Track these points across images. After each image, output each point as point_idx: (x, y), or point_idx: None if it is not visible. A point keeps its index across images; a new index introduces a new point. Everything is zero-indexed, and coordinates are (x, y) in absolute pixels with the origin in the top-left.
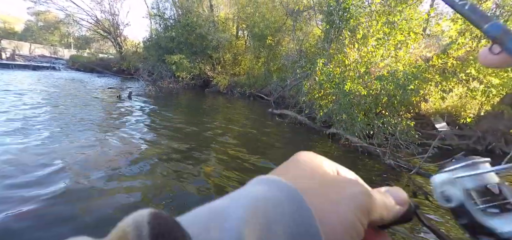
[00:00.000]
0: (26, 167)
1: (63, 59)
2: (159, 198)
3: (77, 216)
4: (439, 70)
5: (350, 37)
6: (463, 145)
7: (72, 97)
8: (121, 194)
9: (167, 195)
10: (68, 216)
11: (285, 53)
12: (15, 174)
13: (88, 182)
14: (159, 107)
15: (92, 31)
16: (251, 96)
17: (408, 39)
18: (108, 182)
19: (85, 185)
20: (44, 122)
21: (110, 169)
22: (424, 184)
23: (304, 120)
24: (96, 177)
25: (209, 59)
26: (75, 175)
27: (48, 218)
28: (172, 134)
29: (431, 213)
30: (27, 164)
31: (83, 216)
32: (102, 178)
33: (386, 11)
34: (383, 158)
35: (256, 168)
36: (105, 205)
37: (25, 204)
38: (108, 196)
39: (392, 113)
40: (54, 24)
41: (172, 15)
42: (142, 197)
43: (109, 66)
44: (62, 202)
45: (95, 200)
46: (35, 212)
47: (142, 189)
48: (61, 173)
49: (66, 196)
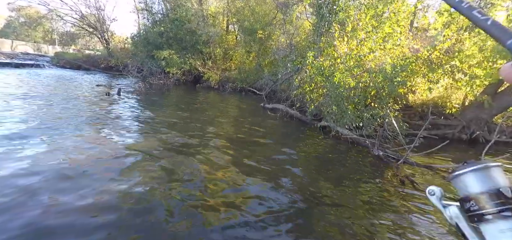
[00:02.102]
0: (6, 171)
1: (48, 56)
2: (150, 197)
3: (61, 219)
4: (426, 62)
5: (339, 30)
6: (448, 134)
7: (57, 95)
8: (109, 195)
9: (158, 195)
10: (55, 220)
11: (276, 47)
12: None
13: (73, 183)
14: (149, 103)
15: (77, 26)
16: (243, 91)
17: (396, 31)
18: (95, 182)
19: (70, 187)
20: (26, 122)
21: (98, 169)
22: (411, 172)
23: (296, 114)
24: (83, 177)
25: (200, 54)
26: (59, 177)
27: (35, 225)
28: (163, 131)
29: (417, 200)
30: (8, 167)
31: (65, 219)
32: (89, 178)
33: (375, 3)
34: (372, 149)
35: (248, 163)
36: (91, 209)
37: (13, 210)
38: (93, 198)
39: (381, 105)
40: (37, 19)
41: (160, 9)
42: (132, 197)
43: (96, 62)
44: (48, 206)
45: (80, 202)
46: (16, 218)
47: (131, 188)
48: (45, 174)
49: (52, 200)
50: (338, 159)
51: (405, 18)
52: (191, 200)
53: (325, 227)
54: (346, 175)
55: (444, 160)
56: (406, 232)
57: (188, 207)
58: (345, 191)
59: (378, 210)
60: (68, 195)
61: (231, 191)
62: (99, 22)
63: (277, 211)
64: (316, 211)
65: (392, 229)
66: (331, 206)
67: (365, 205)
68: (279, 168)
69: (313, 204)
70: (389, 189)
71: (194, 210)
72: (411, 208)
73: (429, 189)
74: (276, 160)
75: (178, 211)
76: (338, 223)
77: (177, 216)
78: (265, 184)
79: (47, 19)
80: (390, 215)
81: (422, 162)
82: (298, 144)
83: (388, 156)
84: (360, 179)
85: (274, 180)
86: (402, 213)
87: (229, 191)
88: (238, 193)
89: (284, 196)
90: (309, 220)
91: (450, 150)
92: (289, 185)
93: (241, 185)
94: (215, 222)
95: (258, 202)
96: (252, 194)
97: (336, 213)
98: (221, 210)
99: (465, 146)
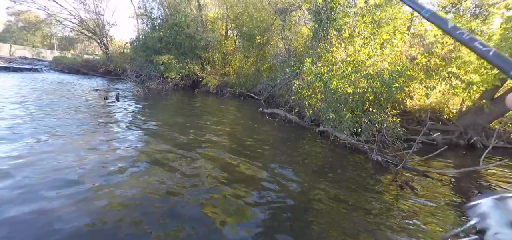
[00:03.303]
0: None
1: (46, 60)
2: (147, 203)
3: (59, 223)
4: (423, 68)
5: (336, 37)
6: (446, 140)
7: (55, 99)
8: (104, 200)
9: (155, 200)
10: (51, 223)
11: (274, 53)
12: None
13: (70, 188)
14: (147, 108)
15: (76, 31)
16: (241, 95)
17: (393, 38)
18: (92, 187)
19: (66, 192)
20: (24, 126)
21: (94, 174)
22: (410, 178)
23: (294, 119)
24: (79, 182)
25: (198, 59)
26: (56, 182)
27: (32, 228)
28: (161, 135)
29: (416, 206)
30: (6, 172)
31: (65, 224)
32: (86, 184)
33: (372, 10)
34: (371, 154)
35: (246, 167)
36: (86, 213)
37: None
38: (90, 203)
39: (379, 110)
40: (36, 24)
41: (160, 15)
42: (129, 201)
43: (95, 67)
44: (45, 209)
45: (78, 206)
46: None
47: (128, 193)
48: (42, 179)
49: (48, 204)
50: (337, 164)
51: (402, 24)
52: (188, 204)
53: (322, 232)
54: (344, 180)
55: (443, 165)
56: (404, 238)
57: (184, 211)
58: (344, 196)
59: (377, 214)
60: (61, 199)
61: (227, 195)
62: (98, 27)
63: (275, 216)
64: (313, 216)
65: (390, 234)
66: (329, 211)
67: (364, 210)
68: (277, 173)
69: (310, 209)
70: (388, 194)
71: (190, 213)
72: (409, 213)
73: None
74: (275, 164)
75: (174, 216)
76: (336, 228)
77: (173, 221)
78: (263, 188)
79: (46, 24)
80: (389, 220)
81: (421, 168)
82: (296, 149)
83: (387, 161)
84: (359, 184)
85: (272, 184)
86: (400, 218)
87: (226, 195)
88: (235, 197)
89: (282, 200)
90: (306, 225)
91: (449, 155)
92: (286, 190)
93: (238, 189)
94: (211, 226)
95: (255, 207)
96: (249, 198)
97: (334, 218)
98: (218, 214)
99: (463, 151)
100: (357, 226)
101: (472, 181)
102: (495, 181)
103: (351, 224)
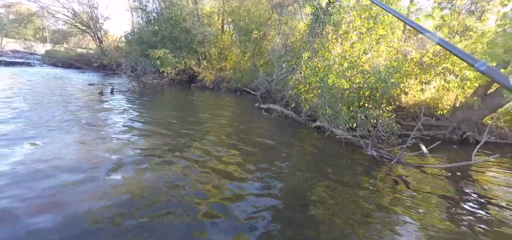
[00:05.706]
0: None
1: (38, 54)
2: (142, 201)
3: (54, 222)
4: (418, 64)
5: (333, 32)
6: (440, 135)
7: (48, 94)
8: (99, 198)
9: (150, 197)
10: (45, 222)
11: (271, 48)
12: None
13: (65, 185)
14: (142, 103)
15: (69, 24)
16: (238, 91)
17: (389, 33)
18: (86, 184)
19: (63, 189)
20: (13, 122)
21: (89, 171)
22: (404, 172)
23: (291, 114)
24: (75, 179)
25: (195, 53)
26: (51, 179)
27: (27, 228)
28: (157, 130)
29: (410, 200)
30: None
31: (59, 222)
32: (81, 181)
33: (368, 6)
34: (366, 149)
35: (242, 163)
36: (82, 209)
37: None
38: (85, 200)
39: (374, 106)
40: (27, 17)
41: (155, 8)
42: (124, 200)
43: (89, 61)
44: (38, 207)
45: (73, 204)
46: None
47: (123, 190)
48: (36, 176)
49: (42, 201)
50: (332, 159)
51: (397, 20)
52: (183, 200)
53: (317, 226)
54: (340, 175)
55: (436, 160)
56: (398, 231)
57: (179, 208)
58: (339, 191)
59: (371, 209)
60: (56, 196)
61: (223, 191)
62: (92, 20)
63: (270, 210)
64: (308, 210)
65: (384, 228)
66: (324, 205)
67: (358, 204)
68: (273, 168)
69: (305, 203)
70: (382, 189)
71: (185, 210)
72: (403, 207)
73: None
74: (270, 160)
75: (169, 211)
76: (331, 222)
77: (169, 217)
78: (259, 184)
79: (38, 16)
80: (383, 214)
81: (415, 162)
82: (293, 144)
83: (382, 156)
84: (354, 178)
85: (267, 179)
86: (394, 213)
87: (221, 190)
88: (230, 193)
89: (277, 195)
90: (301, 219)
91: (442, 150)
92: (282, 185)
93: (233, 185)
94: (206, 222)
95: (250, 202)
96: (245, 193)
97: (329, 212)
98: (214, 209)
99: (456, 146)
100: (352, 220)
101: (463, 175)
102: (484, 177)
103: (346, 218)
